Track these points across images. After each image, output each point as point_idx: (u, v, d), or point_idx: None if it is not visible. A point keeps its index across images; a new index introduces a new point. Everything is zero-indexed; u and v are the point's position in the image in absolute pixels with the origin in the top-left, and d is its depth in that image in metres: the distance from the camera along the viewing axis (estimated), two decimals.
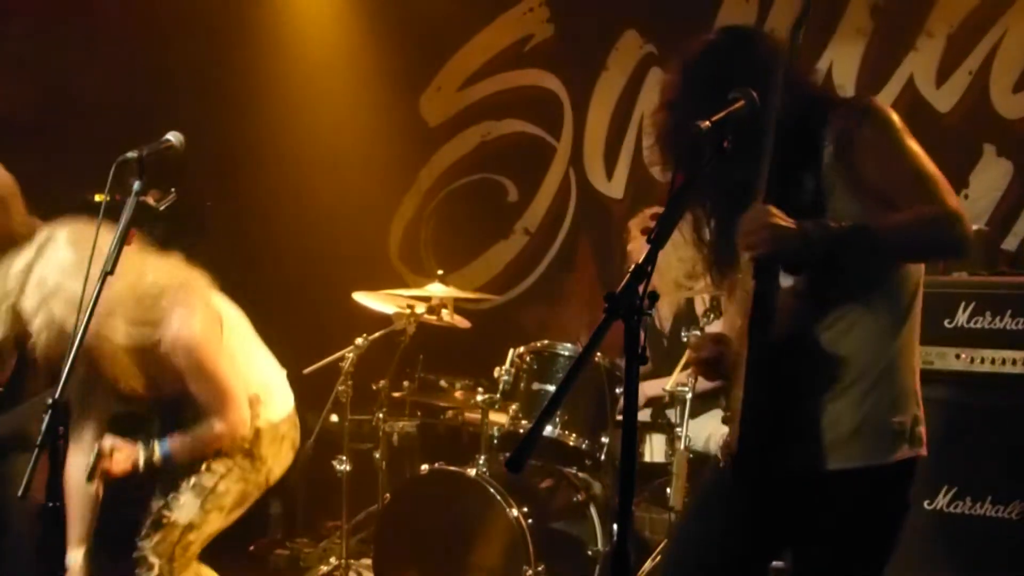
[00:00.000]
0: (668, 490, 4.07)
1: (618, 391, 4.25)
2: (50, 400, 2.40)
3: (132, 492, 3.23)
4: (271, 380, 3.40)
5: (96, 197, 4.56)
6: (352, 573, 4.72)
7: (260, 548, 5.39)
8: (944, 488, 3.69)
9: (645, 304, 1.87)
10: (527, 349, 4.43)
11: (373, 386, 4.79)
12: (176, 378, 3.11)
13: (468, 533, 4.13)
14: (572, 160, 6.28)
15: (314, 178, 6.41)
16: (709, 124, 2.11)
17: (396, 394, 4.90)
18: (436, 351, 5.20)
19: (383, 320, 5.02)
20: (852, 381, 2.28)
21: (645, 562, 4.13)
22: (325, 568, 4.86)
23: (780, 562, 2.90)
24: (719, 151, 2.11)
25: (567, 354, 4.39)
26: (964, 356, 3.70)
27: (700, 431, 4.24)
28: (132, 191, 2.61)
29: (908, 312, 2.34)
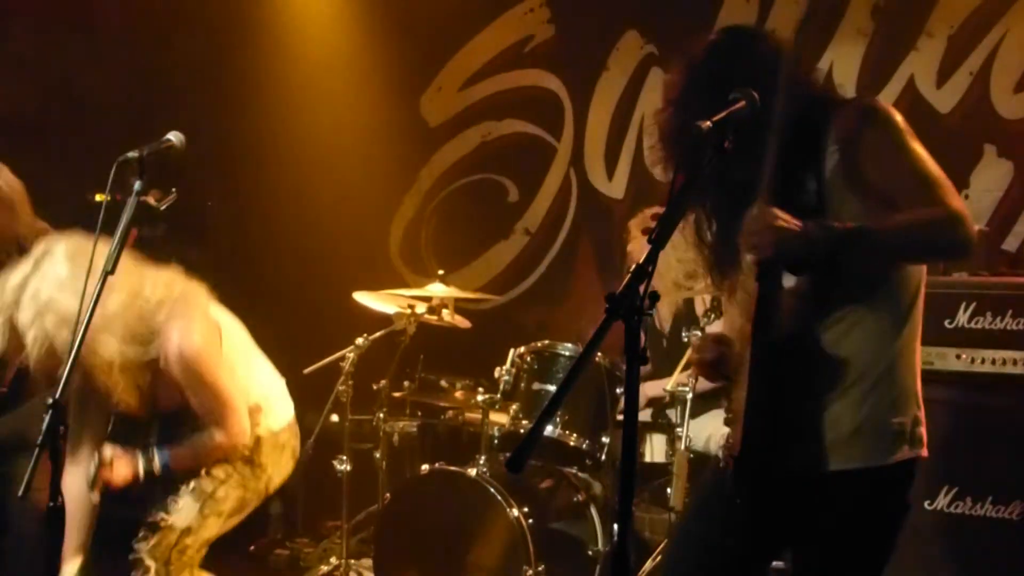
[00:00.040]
0: (668, 490, 4.07)
1: (618, 391, 4.25)
2: (50, 400, 2.40)
3: (131, 493, 3.23)
4: (271, 389, 3.40)
5: (97, 197, 4.57)
6: (352, 573, 4.72)
7: (260, 548, 5.39)
8: (944, 488, 3.69)
9: (646, 304, 1.87)
10: (527, 349, 4.43)
11: (373, 386, 4.79)
12: (176, 389, 3.11)
13: (468, 533, 4.12)
14: (573, 160, 6.28)
15: (314, 178, 6.41)
16: (710, 124, 2.11)
17: (396, 394, 4.91)
18: (436, 351, 5.21)
19: (383, 320, 5.01)
20: (853, 382, 2.28)
21: (645, 562, 4.12)
22: (325, 568, 4.86)
23: (780, 562, 2.90)
24: (720, 151, 2.11)
25: (567, 354, 4.38)
26: (964, 356, 3.70)
27: (700, 431, 4.23)
28: (133, 191, 2.61)
29: (909, 313, 2.33)
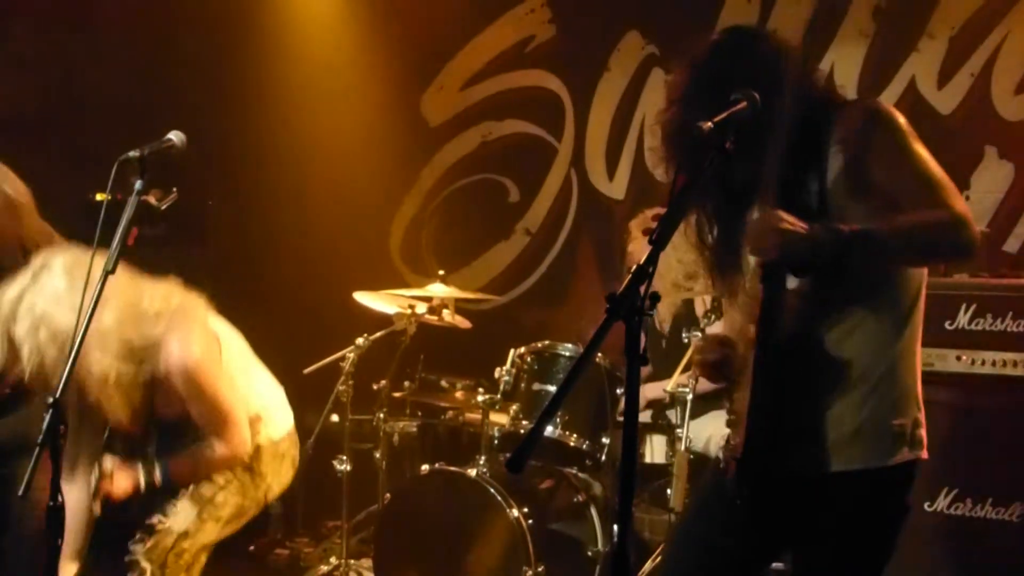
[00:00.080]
0: (668, 491, 4.07)
1: (619, 392, 4.25)
2: (50, 399, 2.40)
3: (131, 504, 3.23)
4: (270, 399, 3.40)
5: (98, 196, 4.57)
6: (352, 573, 4.72)
7: (260, 548, 5.39)
8: (944, 490, 3.69)
9: (646, 305, 1.87)
10: (528, 349, 4.43)
11: (374, 386, 4.79)
12: (177, 400, 3.10)
13: (468, 533, 4.13)
14: (573, 161, 6.28)
15: (314, 178, 6.41)
16: (711, 125, 2.10)
17: (397, 394, 4.91)
18: (437, 351, 5.21)
19: (384, 320, 5.01)
20: (854, 383, 2.28)
21: (645, 563, 4.12)
22: (325, 568, 4.85)
23: (780, 563, 2.90)
24: (721, 152, 2.10)
25: (568, 355, 4.38)
26: (965, 358, 3.70)
27: (701, 432, 4.23)
28: (133, 190, 2.61)
29: (910, 315, 2.33)
